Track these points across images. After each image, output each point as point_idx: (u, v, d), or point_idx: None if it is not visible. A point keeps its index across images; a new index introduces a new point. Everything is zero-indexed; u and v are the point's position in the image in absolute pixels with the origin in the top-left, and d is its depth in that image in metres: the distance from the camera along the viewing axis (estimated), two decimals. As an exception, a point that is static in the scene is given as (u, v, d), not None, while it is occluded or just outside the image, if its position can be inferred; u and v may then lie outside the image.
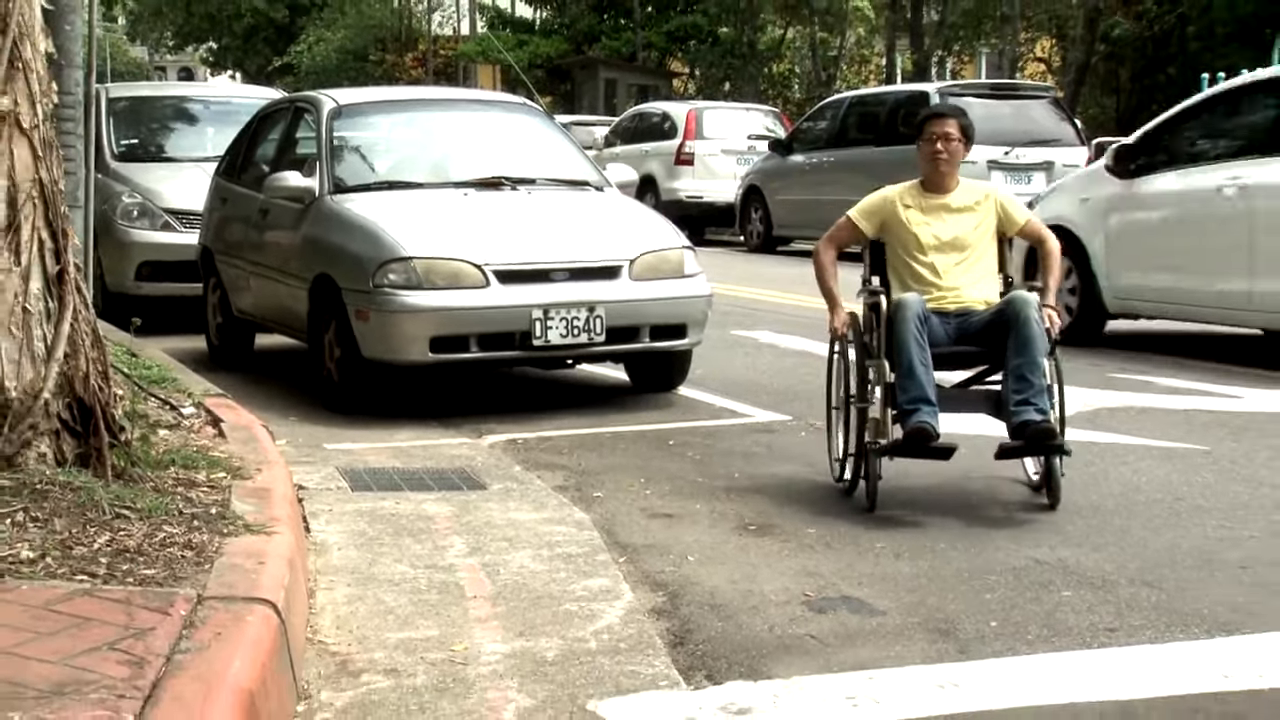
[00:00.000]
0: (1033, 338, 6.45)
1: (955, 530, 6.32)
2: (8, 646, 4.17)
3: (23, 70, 5.91)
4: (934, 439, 6.38)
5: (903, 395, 6.47)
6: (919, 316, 6.55)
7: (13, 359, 5.81)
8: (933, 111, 7.27)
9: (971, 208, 7.03)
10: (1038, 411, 6.37)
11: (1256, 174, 11.05)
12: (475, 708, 4.42)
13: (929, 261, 6.93)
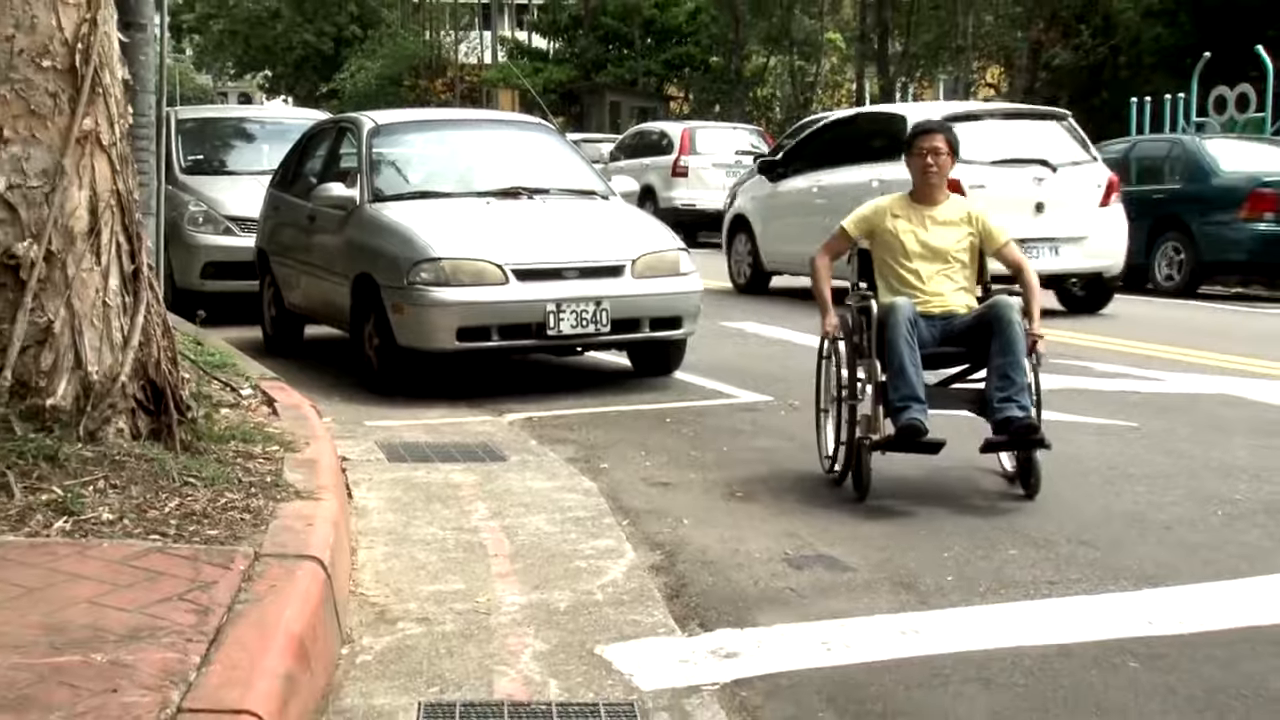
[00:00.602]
0: (1015, 339, 6.21)
1: (918, 499, 6.33)
2: (91, 597, 4.19)
3: (103, 95, 5.92)
4: (924, 435, 6.11)
5: (894, 393, 6.19)
6: (909, 320, 6.29)
7: (94, 346, 5.82)
8: (922, 127, 6.97)
9: (956, 222, 6.76)
10: (1020, 409, 6.12)
11: (826, 178, 15.58)
12: (497, 651, 4.44)
13: (913, 268, 6.66)
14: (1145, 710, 4.02)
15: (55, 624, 3.97)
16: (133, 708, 3.44)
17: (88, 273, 5.85)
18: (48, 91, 5.78)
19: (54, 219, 5.74)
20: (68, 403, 5.73)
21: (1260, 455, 7.29)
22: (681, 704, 4.03)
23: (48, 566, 4.47)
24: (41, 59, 5.77)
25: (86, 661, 3.71)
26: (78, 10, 5.84)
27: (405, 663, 4.32)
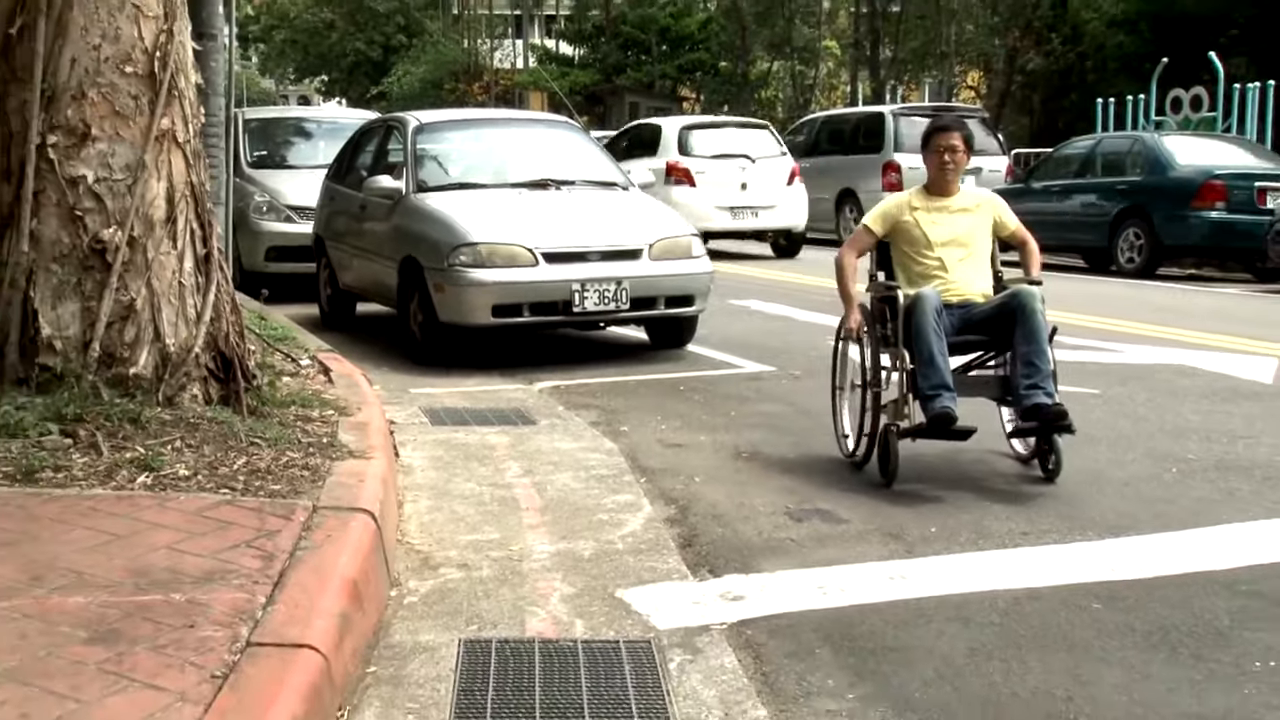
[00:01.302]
0: (1039, 328, 5.83)
1: (905, 460, 6.32)
2: (170, 543, 4.22)
3: (178, 97, 5.93)
4: (956, 422, 5.72)
5: (924, 382, 5.78)
6: (936, 310, 5.88)
7: (171, 322, 5.85)
8: (939, 125, 6.55)
9: (971, 210, 6.42)
10: (1047, 395, 5.73)
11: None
12: (528, 594, 4.45)
13: (936, 257, 6.26)
14: (1107, 645, 4.03)
15: (139, 567, 4.00)
16: (208, 641, 3.46)
17: (165, 256, 5.87)
18: (130, 94, 5.79)
19: (136, 208, 5.77)
20: (148, 371, 5.76)
21: (1210, 419, 7.27)
22: (693, 641, 4.04)
23: (132, 516, 4.50)
24: (125, 65, 5.78)
25: (166, 600, 3.74)
26: (156, 22, 5.85)
27: (446, 604, 4.34)
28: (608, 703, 3.59)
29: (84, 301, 5.74)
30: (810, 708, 3.61)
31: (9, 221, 5.81)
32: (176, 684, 3.23)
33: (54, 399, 5.51)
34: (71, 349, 5.70)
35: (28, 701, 3.14)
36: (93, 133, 5.74)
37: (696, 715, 3.53)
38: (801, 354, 9.59)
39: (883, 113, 21.65)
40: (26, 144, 5.69)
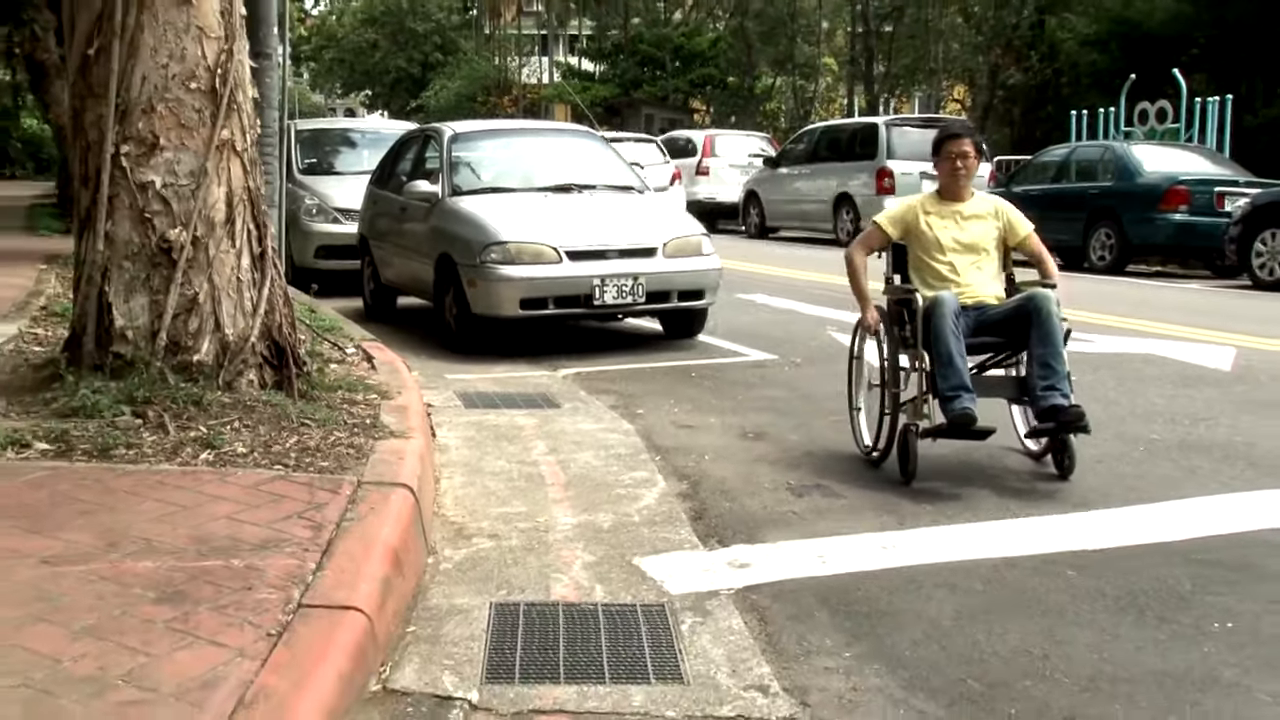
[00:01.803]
0: (1054, 330, 5.48)
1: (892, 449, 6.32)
2: (229, 514, 4.24)
3: (237, 111, 5.95)
4: (976, 422, 5.39)
5: (943, 383, 5.43)
6: (955, 312, 5.53)
7: (230, 314, 5.87)
8: (950, 132, 6.14)
9: (983, 216, 6.01)
10: (1063, 396, 5.39)
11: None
12: (553, 562, 4.46)
13: (948, 261, 5.89)
14: (1078, 609, 4.03)
15: (202, 535, 4.02)
16: (264, 603, 3.48)
17: (225, 254, 5.89)
18: (194, 108, 5.82)
19: (199, 210, 5.79)
20: (209, 359, 5.78)
21: (1175, 403, 7.25)
22: (704, 605, 4.05)
23: (195, 489, 4.52)
24: (189, 82, 5.81)
25: (226, 565, 3.76)
26: (218, 43, 5.87)
27: (479, 570, 4.35)
28: (625, 660, 3.61)
29: (152, 295, 5.77)
30: (810, 665, 3.61)
31: (87, 223, 5.86)
32: (236, 641, 3.25)
33: (126, 383, 5.55)
34: (141, 338, 5.73)
35: (104, 655, 3.16)
36: (161, 143, 5.77)
37: (706, 672, 3.54)
38: (802, 344, 9.58)
39: (876, 123, 21.62)
40: (102, 153, 5.73)
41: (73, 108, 6.05)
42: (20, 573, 3.70)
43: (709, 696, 3.39)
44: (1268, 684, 3.47)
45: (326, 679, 3.13)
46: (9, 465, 4.82)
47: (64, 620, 3.36)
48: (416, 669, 3.50)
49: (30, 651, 3.17)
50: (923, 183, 19.40)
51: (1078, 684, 3.48)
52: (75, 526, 4.10)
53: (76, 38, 5.90)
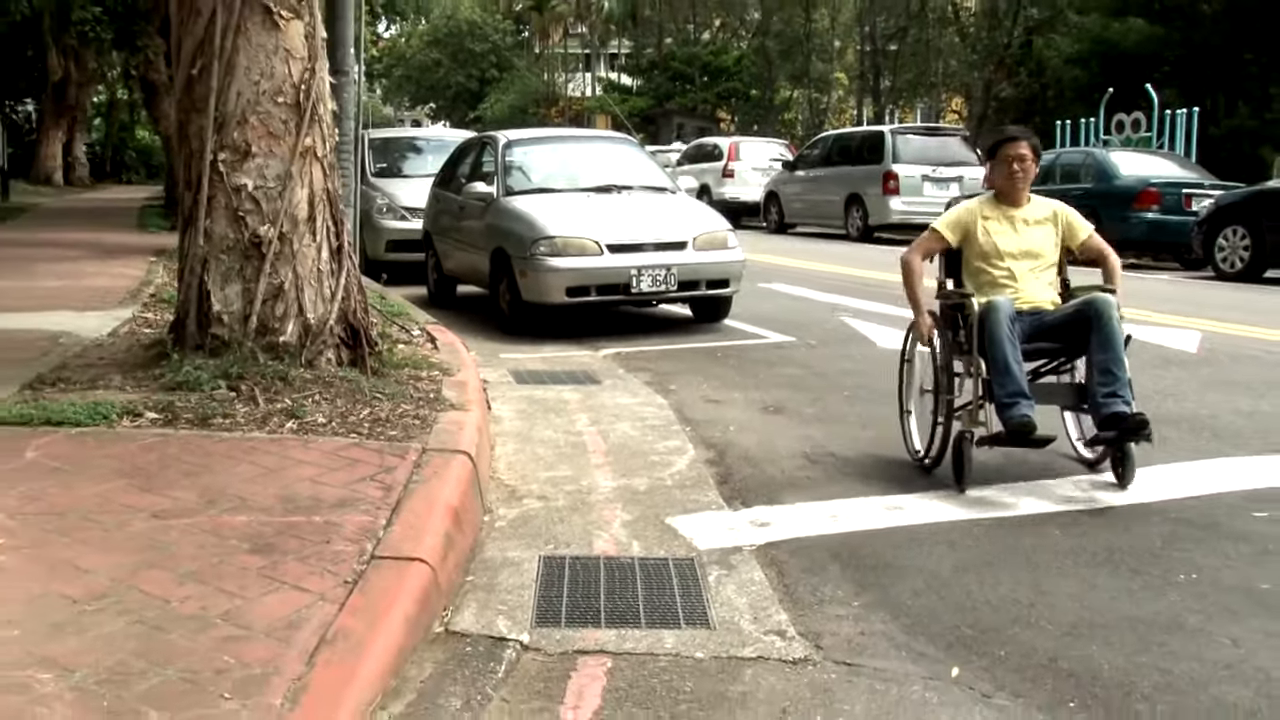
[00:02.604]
0: (1115, 335, 4.79)
1: (898, 422, 6.26)
2: (311, 476, 4.26)
3: (318, 122, 5.97)
4: (1035, 430, 4.71)
5: (1001, 390, 4.76)
6: (1010, 318, 4.86)
7: (311, 300, 5.90)
8: (1006, 136, 5.42)
9: (1042, 220, 5.33)
10: (1125, 404, 4.71)
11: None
12: (595, 520, 4.46)
13: (1006, 267, 5.19)
14: (1062, 563, 4.00)
15: (287, 494, 4.05)
16: (341, 554, 3.50)
17: (307, 248, 5.91)
18: (281, 119, 5.83)
19: (284, 210, 5.81)
20: (293, 340, 5.81)
21: (1152, 381, 7.14)
22: (728, 559, 4.04)
23: (281, 455, 4.55)
24: (277, 97, 5.82)
25: (309, 521, 3.78)
26: (302, 63, 5.89)
27: (529, 527, 4.36)
28: (659, 607, 3.60)
29: (245, 284, 5.80)
30: (823, 613, 3.60)
31: (189, 221, 5.90)
32: (318, 587, 3.27)
33: (222, 361, 5.59)
34: (235, 321, 5.77)
35: (206, 597, 3.19)
36: (252, 150, 5.79)
37: (730, 618, 3.53)
38: (817, 327, 9.53)
39: (883, 131, 21.45)
40: (203, 160, 5.77)
41: (178, 121, 6.10)
42: (135, 525, 3.75)
43: (733, 640, 3.38)
44: (1226, 628, 3.45)
45: (396, 621, 3.15)
46: (125, 432, 4.87)
47: (171, 566, 3.40)
48: (474, 613, 3.51)
49: (144, 593, 3.22)
50: (924, 184, 19.31)
51: (1060, 629, 3.46)
52: (180, 485, 4.14)
53: (182, 60, 5.94)
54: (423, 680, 3.05)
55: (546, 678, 3.13)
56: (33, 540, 3.60)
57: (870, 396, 6.77)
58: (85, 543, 3.58)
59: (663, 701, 3.01)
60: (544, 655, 3.26)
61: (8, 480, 4.19)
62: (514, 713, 2.94)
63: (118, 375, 5.85)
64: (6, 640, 2.93)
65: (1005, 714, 2.96)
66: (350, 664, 2.88)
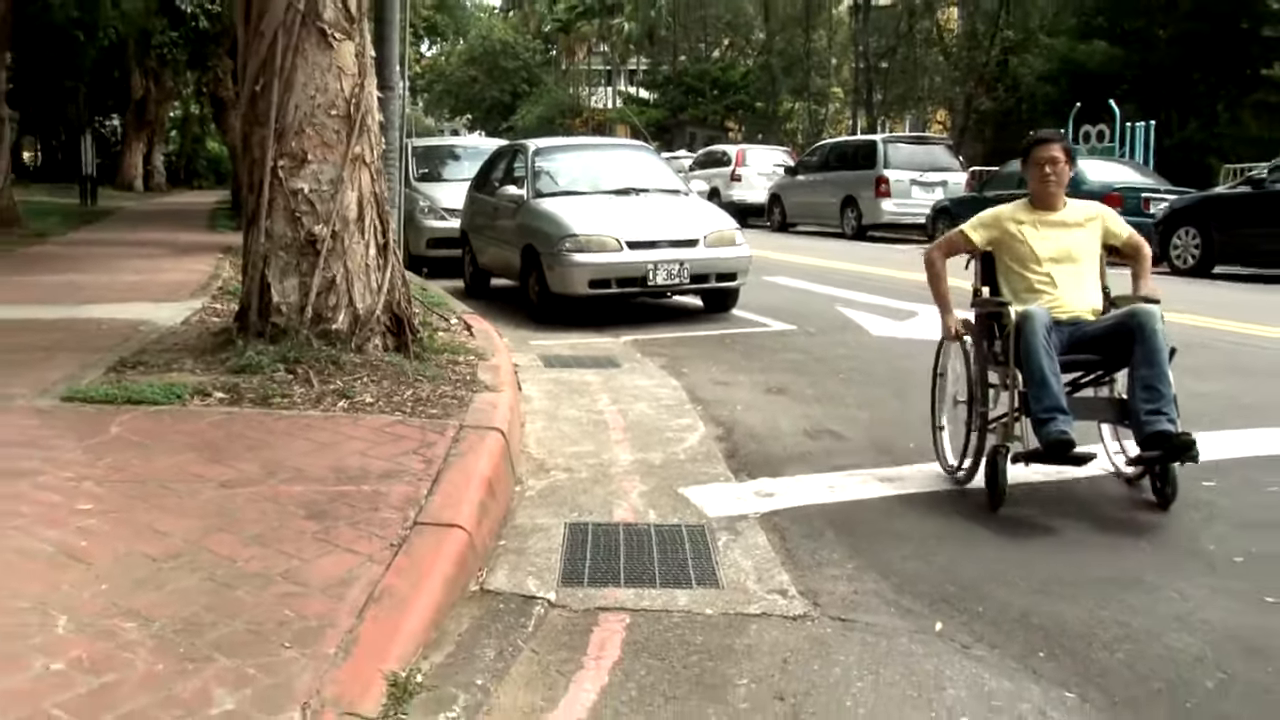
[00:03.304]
0: (1159, 349, 4.13)
1: (890, 399, 6.24)
2: (361, 450, 4.26)
3: (366, 132, 5.97)
4: (1074, 447, 4.06)
5: (1037, 404, 4.12)
6: (1047, 328, 4.22)
7: (360, 292, 5.91)
8: (1039, 138, 4.73)
9: (1081, 224, 4.63)
10: (1169, 421, 4.05)
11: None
12: (615, 490, 4.45)
13: (1045, 272, 4.51)
14: (1034, 526, 4.00)
15: (339, 466, 4.05)
16: (388, 520, 3.50)
17: (356, 245, 5.92)
18: (333, 130, 5.83)
19: (336, 211, 5.81)
20: (344, 327, 5.82)
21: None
22: (735, 526, 4.03)
23: (334, 430, 4.55)
24: (330, 110, 5.83)
25: (358, 490, 3.78)
26: (352, 79, 5.89)
27: (555, 497, 4.35)
28: (672, 569, 3.59)
29: (301, 278, 5.81)
30: (820, 574, 3.58)
31: (252, 221, 5.92)
32: (367, 549, 3.27)
33: (281, 347, 5.60)
34: (293, 311, 5.78)
35: (267, 558, 3.20)
36: (308, 158, 5.80)
37: (737, 579, 3.52)
38: (816, 317, 9.48)
39: (875, 140, 21.37)
40: (264, 167, 5.78)
41: (243, 132, 6.11)
42: (205, 493, 3.76)
43: (739, 598, 3.37)
44: (1176, 584, 3.47)
45: (436, 581, 3.15)
46: (195, 410, 4.89)
47: (237, 530, 3.41)
48: (506, 574, 3.51)
49: (214, 553, 3.23)
50: (912, 188, 19.20)
51: (1032, 587, 3.45)
52: (244, 458, 4.15)
53: (247, 78, 5.95)
54: (460, 633, 3.05)
55: (571, 631, 3.13)
56: (117, 505, 3.62)
57: (864, 379, 6.74)
58: (162, 508, 3.60)
59: (676, 653, 3.01)
60: (569, 611, 3.26)
61: (95, 452, 4.22)
62: (542, 663, 2.94)
63: (189, 359, 5.87)
64: (97, 593, 2.97)
65: (983, 664, 2.95)
66: (395, 619, 2.89)
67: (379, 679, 2.61)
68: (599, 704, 2.73)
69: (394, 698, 2.57)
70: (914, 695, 2.79)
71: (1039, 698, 2.79)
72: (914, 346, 7.37)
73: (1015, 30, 31.70)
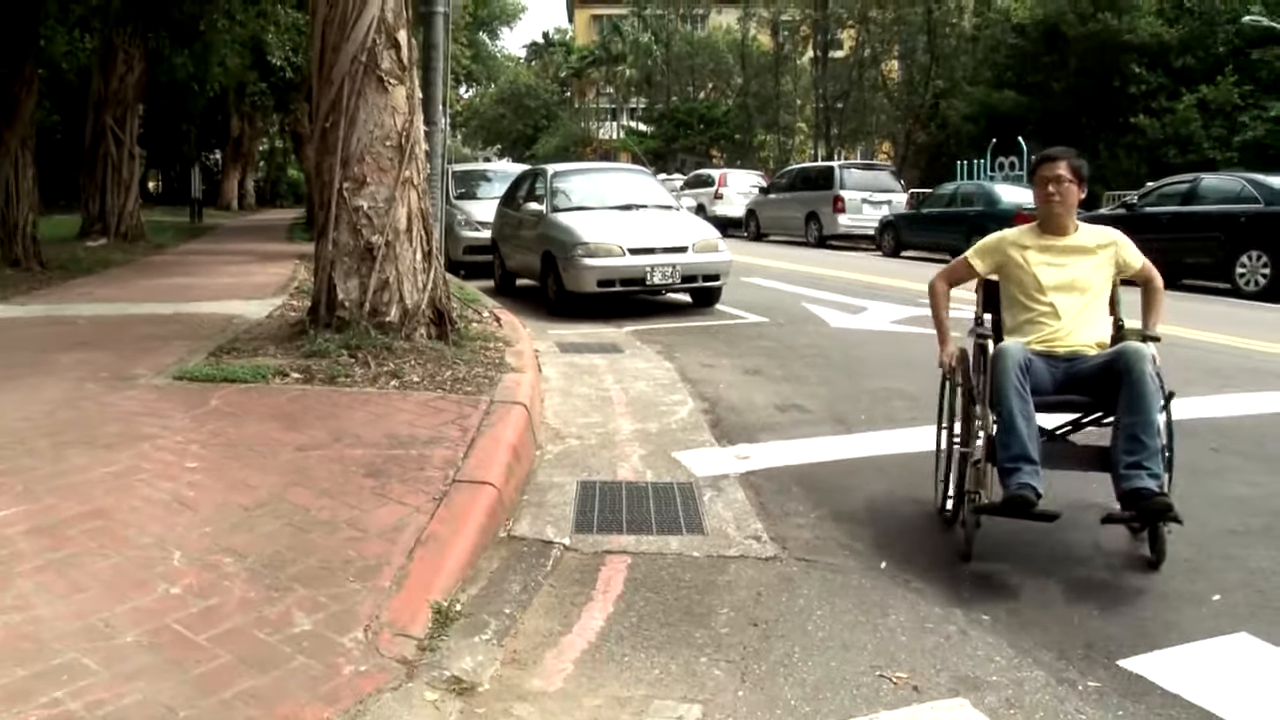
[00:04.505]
0: (1146, 394, 3.07)
1: (845, 380, 6.20)
2: (409, 420, 4.24)
3: (414, 159, 5.92)
4: (1034, 505, 3.01)
5: (1003, 452, 3.09)
6: (1020, 366, 3.16)
7: (409, 290, 5.87)
8: (1043, 155, 3.56)
9: (1092, 250, 3.49)
10: (1151, 477, 3.00)
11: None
12: (618, 455, 4.41)
13: (1049, 301, 3.43)
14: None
15: (391, 434, 4.03)
16: (431, 478, 3.48)
17: (405, 251, 5.88)
18: (388, 158, 5.79)
19: (389, 224, 5.78)
20: (396, 320, 5.78)
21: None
22: (718, 483, 4.01)
23: (387, 405, 4.53)
24: (385, 141, 5.78)
25: (406, 454, 3.76)
26: (404, 116, 5.85)
27: (570, 460, 4.32)
28: (666, 519, 3.58)
29: (361, 279, 5.77)
30: (788, 523, 3.57)
31: (322, 233, 5.88)
32: (414, 502, 3.26)
33: (344, 336, 5.57)
34: (354, 306, 5.74)
35: (334, 508, 3.19)
36: (367, 180, 5.75)
37: (720, 527, 3.50)
38: (785, 310, 9.44)
39: (833, 166, 21.24)
40: (332, 188, 5.74)
41: (315, 161, 6.07)
42: (283, 455, 3.74)
43: (721, 543, 3.36)
44: (1101, 535, 3.39)
45: (471, 528, 3.14)
46: (276, 387, 4.87)
47: (310, 485, 3.40)
48: (529, 523, 3.49)
49: (292, 504, 3.22)
50: (863, 205, 19.13)
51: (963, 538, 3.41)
52: (315, 426, 4.13)
53: (319, 116, 5.90)
54: (491, 571, 3.04)
55: (582, 570, 3.12)
56: (216, 464, 3.62)
57: (824, 363, 6.70)
58: (250, 466, 3.59)
59: (668, 587, 2.99)
60: (580, 554, 3.24)
61: (199, 421, 4.21)
62: (558, 595, 2.92)
63: (271, 346, 5.85)
64: (202, 534, 2.99)
65: (920, 594, 2.94)
66: (438, 559, 2.88)
67: (426, 607, 2.60)
68: (605, 629, 2.72)
69: (438, 622, 2.57)
70: (863, 620, 2.78)
71: (962, 620, 2.78)
72: (865, 336, 7.34)
73: (944, 79, 32.02)
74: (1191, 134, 21.96)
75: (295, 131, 24.54)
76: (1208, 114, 22.13)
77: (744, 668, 2.51)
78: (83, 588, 2.62)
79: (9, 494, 3.29)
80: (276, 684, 2.20)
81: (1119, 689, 2.42)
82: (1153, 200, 12.88)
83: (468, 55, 32.54)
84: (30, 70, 11.64)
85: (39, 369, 5.30)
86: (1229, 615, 2.81)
